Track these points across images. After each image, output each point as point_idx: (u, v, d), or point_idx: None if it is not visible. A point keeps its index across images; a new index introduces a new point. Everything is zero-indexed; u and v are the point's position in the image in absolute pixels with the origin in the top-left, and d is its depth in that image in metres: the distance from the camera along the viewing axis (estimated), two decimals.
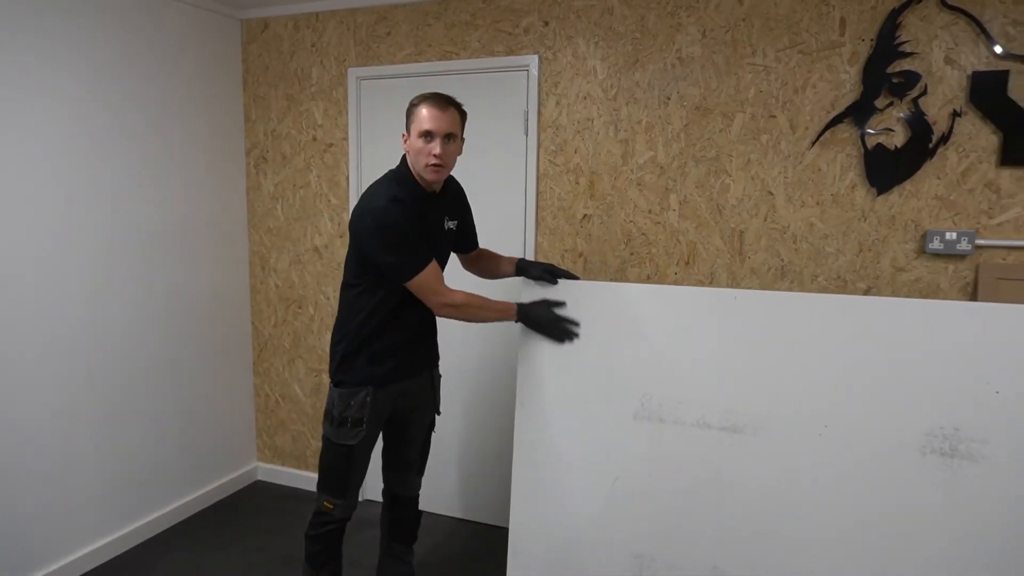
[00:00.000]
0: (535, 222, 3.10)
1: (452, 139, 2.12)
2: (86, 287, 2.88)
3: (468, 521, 3.42)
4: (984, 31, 2.42)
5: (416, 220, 2.13)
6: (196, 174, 3.36)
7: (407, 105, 2.17)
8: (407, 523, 2.67)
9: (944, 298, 2.54)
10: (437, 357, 2.53)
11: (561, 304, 2.26)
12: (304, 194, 3.54)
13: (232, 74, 3.55)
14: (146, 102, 3.07)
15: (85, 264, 2.86)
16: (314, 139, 3.47)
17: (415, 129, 2.10)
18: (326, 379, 3.63)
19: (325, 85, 3.41)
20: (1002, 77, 2.41)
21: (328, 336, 3.59)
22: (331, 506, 2.33)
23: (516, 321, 2.24)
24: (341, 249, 3.49)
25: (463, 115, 2.19)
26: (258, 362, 3.80)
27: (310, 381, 3.68)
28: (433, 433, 2.63)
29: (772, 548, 2.09)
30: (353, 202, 3.41)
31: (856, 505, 2.00)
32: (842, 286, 2.67)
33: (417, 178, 2.17)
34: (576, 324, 2.24)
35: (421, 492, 2.73)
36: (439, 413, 2.59)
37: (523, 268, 2.38)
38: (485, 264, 2.56)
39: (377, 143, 3.34)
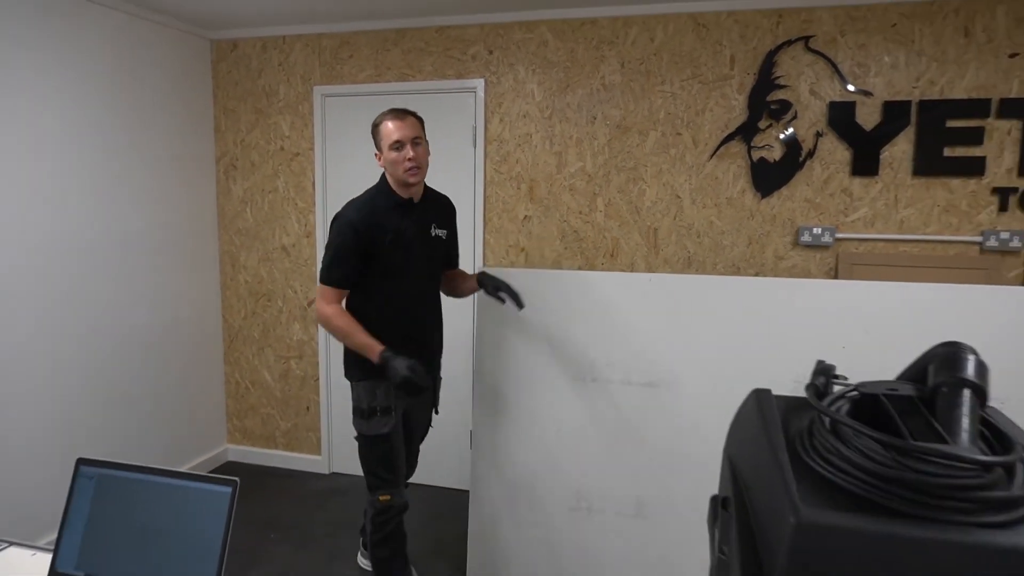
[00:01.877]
0: (483, 222, 3.53)
1: (419, 142, 2.28)
2: (69, 282, 3.12)
3: (430, 486, 3.79)
4: (837, 70, 3.02)
5: (376, 236, 2.26)
6: (169, 179, 3.62)
7: (371, 126, 2.34)
8: None
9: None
10: (438, 360, 2.60)
11: (413, 363, 2.19)
12: (272, 198, 3.85)
13: (203, 89, 3.82)
14: (122, 113, 3.32)
15: (68, 262, 3.10)
16: (282, 149, 3.79)
17: (385, 144, 2.26)
18: (294, 365, 3.94)
19: (292, 100, 3.74)
20: (851, 106, 3.02)
21: (296, 326, 3.91)
22: (388, 497, 2.38)
23: (377, 362, 2.20)
24: (307, 248, 3.82)
25: (421, 121, 2.34)
26: (228, 351, 4.08)
27: (279, 367, 3.98)
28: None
29: (683, 482, 2.59)
30: (319, 205, 3.75)
31: None
32: (736, 272, 3.23)
33: (396, 188, 2.32)
34: (422, 383, 2.20)
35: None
36: (437, 412, 2.68)
37: (481, 282, 2.50)
38: (454, 282, 2.63)
39: (340, 153, 3.70)
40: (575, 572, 2.73)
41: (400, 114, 2.28)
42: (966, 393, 0.67)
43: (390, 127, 2.25)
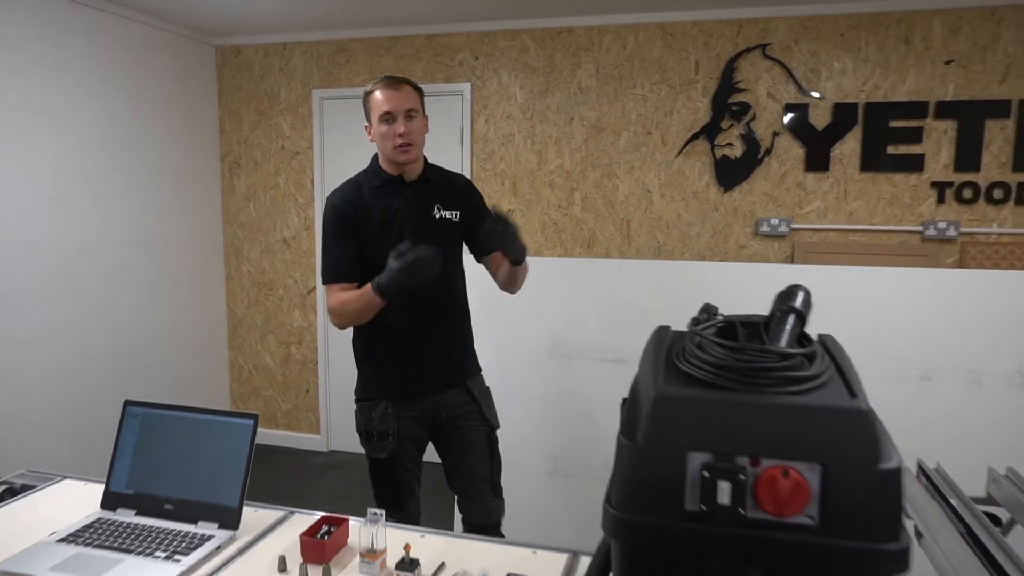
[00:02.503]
0: None
1: (413, 115, 1.92)
2: (89, 274, 3.36)
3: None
4: (792, 75, 3.28)
5: (359, 213, 1.95)
6: (176, 177, 3.85)
7: (362, 95, 2.01)
8: None
9: None
10: (469, 370, 2.13)
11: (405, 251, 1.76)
12: (274, 194, 4.09)
13: (208, 91, 4.06)
14: (132, 115, 3.55)
15: (86, 254, 3.34)
16: (282, 148, 4.03)
17: (374, 116, 1.92)
18: (294, 350, 4.19)
19: (292, 103, 3.98)
20: (805, 108, 3.28)
21: (296, 313, 4.15)
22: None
23: (380, 297, 1.79)
24: (307, 240, 4.06)
25: (419, 91, 1.99)
26: (232, 338, 4.31)
27: (280, 353, 4.22)
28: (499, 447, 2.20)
29: None
30: (318, 201, 4.00)
31: None
32: (701, 259, 3.48)
33: (386, 165, 1.99)
34: (417, 249, 1.74)
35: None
36: (493, 427, 2.13)
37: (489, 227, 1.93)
38: (502, 268, 2.07)
39: (338, 152, 3.94)
40: (554, 531, 2.99)
41: (394, 82, 1.92)
42: (790, 316, 0.92)
43: (379, 97, 1.90)
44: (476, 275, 2.29)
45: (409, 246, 1.73)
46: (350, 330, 2.03)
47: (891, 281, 2.89)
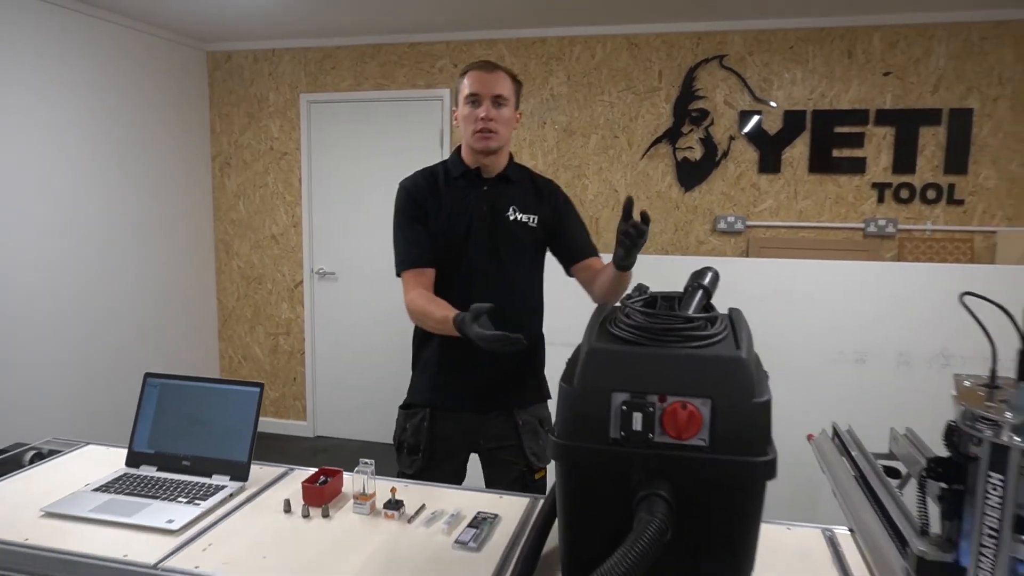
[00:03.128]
0: None
1: (502, 103, 1.75)
2: (85, 269, 3.52)
3: (372, 442, 4.20)
4: (746, 84, 3.53)
5: (430, 200, 1.81)
6: (168, 176, 4.01)
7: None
8: None
9: None
10: (522, 396, 1.87)
11: (485, 312, 1.53)
12: (263, 192, 4.26)
13: (199, 94, 4.22)
14: (126, 116, 3.71)
15: (83, 251, 3.51)
16: (271, 148, 4.21)
17: (461, 97, 1.78)
18: (282, 341, 4.37)
19: (281, 106, 4.15)
20: (758, 115, 3.54)
21: (284, 306, 4.33)
22: None
23: (458, 333, 1.56)
24: (295, 236, 4.24)
25: (517, 83, 1.82)
26: (223, 330, 4.48)
27: (268, 343, 4.40)
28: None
29: None
30: (305, 199, 4.18)
31: None
32: (664, 254, 3.72)
33: (466, 155, 1.84)
34: (503, 336, 1.45)
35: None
36: (536, 470, 1.85)
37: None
38: (599, 278, 1.85)
39: (324, 153, 4.13)
40: None
41: (488, 65, 1.78)
42: (698, 291, 1.15)
43: (469, 79, 1.76)
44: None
45: (495, 333, 1.44)
46: (344, 323, 1.99)
47: (836, 273, 3.15)
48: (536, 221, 1.85)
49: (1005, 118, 3.33)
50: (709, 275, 1.20)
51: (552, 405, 1.78)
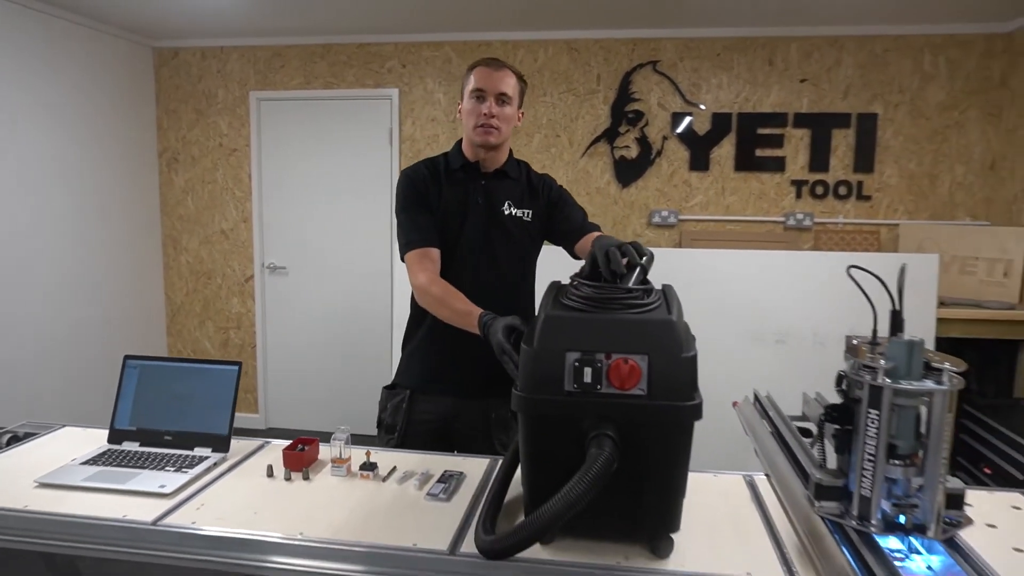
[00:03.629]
0: None
1: (506, 101, 1.79)
2: (27, 264, 3.49)
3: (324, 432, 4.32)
4: (677, 88, 3.79)
5: (431, 189, 1.84)
6: (112, 171, 3.98)
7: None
8: None
9: None
10: (506, 389, 1.45)
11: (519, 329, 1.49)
12: (212, 188, 4.28)
13: (145, 91, 4.20)
14: (69, 111, 3.67)
15: (27, 246, 3.48)
16: (220, 145, 4.23)
17: (466, 92, 1.82)
18: (233, 335, 4.39)
19: (230, 103, 4.18)
20: (689, 116, 3.80)
21: (235, 300, 4.36)
22: None
23: (480, 333, 1.57)
24: (245, 232, 4.27)
25: (522, 82, 1.86)
26: (171, 324, 4.47)
27: (219, 337, 4.42)
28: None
29: None
30: (255, 194, 4.22)
31: None
32: None
33: (467, 149, 1.87)
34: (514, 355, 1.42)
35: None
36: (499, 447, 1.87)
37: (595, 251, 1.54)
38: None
39: (275, 150, 4.18)
40: None
41: (495, 62, 1.82)
42: (635, 267, 1.34)
43: (475, 75, 1.80)
44: None
45: (511, 350, 1.42)
46: (295, 316, 1.94)
47: (759, 262, 3.43)
48: (531, 216, 1.91)
49: (905, 122, 3.69)
50: (646, 255, 1.39)
51: None
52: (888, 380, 1.13)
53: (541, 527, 1.05)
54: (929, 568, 1.14)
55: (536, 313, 1.29)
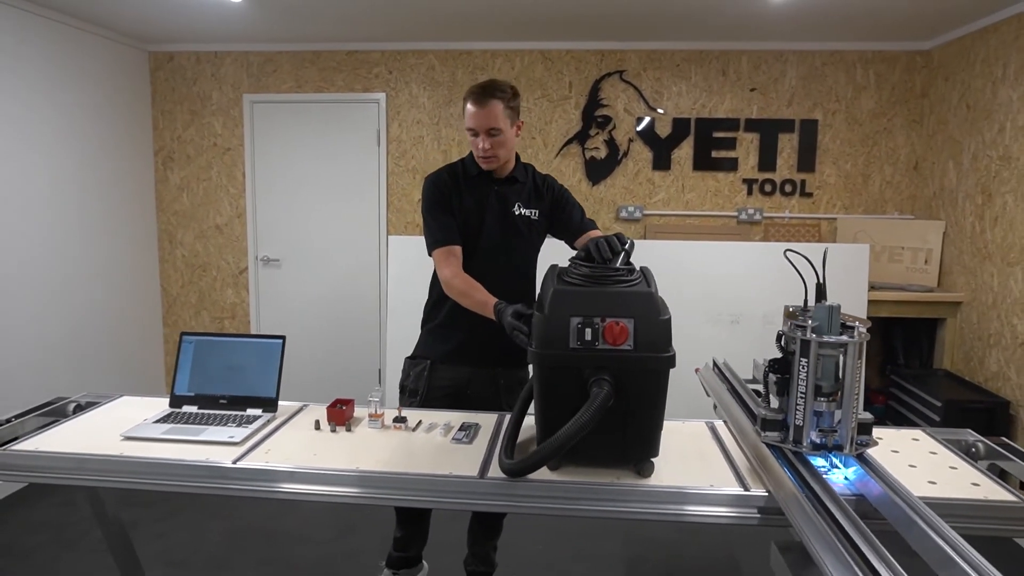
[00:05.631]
0: (386, 204, 4.38)
1: (496, 133, 1.99)
2: (28, 259, 3.65)
3: None
4: (642, 96, 4.14)
5: (452, 194, 2.10)
6: (110, 169, 4.11)
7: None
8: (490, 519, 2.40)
9: None
10: (508, 361, 2.14)
11: (528, 314, 1.73)
12: (207, 185, 4.47)
13: (141, 93, 4.36)
14: (69, 112, 3.78)
15: (27, 241, 3.63)
16: (215, 144, 4.42)
17: (465, 124, 2.04)
18: (228, 325, 4.59)
19: (224, 105, 4.38)
20: (652, 121, 4.15)
21: (229, 291, 4.56)
22: None
23: (495, 319, 1.86)
24: (239, 226, 4.48)
25: (508, 102, 2.01)
26: (167, 315, 4.65)
27: (214, 327, 4.61)
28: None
29: None
30: (249, 191, 4.43)
31: None
32: None
33: (478, 159, 2.10)
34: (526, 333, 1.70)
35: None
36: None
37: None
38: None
39: (268, 149, 4.39)
40: None
41: (480, 98, 1.97)
42: (620, 252, 1.67)
43: (467, 111, 2.00)
44: None
45: (522, 328, 1.71)
46: (287, 306, 2.13)
47: (715, 252, 3.81)
48: (537, 214, 2.19)
49: (841, 128, 4.11)
50: (629, 242, 1.72)
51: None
52: (814, 335, 1.47)
53: (557, 447, 1.36)
54: (846, 478, 1.50)
55: (540, 291, 1.61)
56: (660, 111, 4.15)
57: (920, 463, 1.65)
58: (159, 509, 3.08)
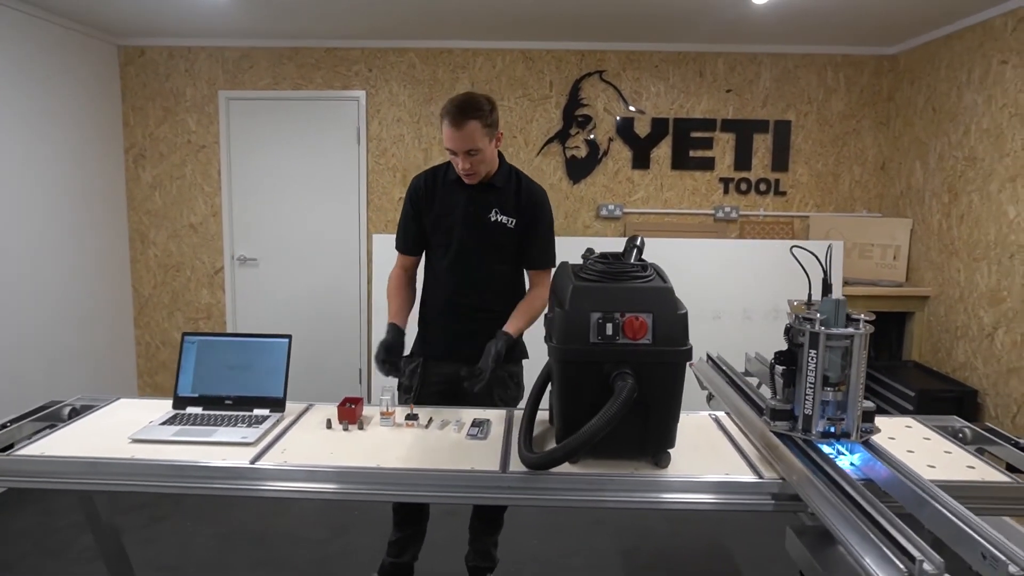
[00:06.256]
0: (366, 202, 4.35)
1: (475, 153, 2.01)
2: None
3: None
4: (622, 96, 4.20)
5: (424, 201, 2.18)
6: (77, 167, 3.97)
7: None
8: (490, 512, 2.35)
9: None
10: (503, 358, 2.04)
11: (395, 346, 2.07)
12: (180, 184, 4.37)
13: (110, 88, 4.24)
14: (32, 107, 3.61)
15: (6, 243, 3.51)
16: (189, 142, 4.33)
17: (443, 141, 2.05)
18: (203, 325, 4.50)
19: (198, 101, 4.28)
20: (631, 121, 4.22)
21: (204, 292, 4.47)
22: None
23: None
24: (215, 225, 4.39)
25: (486, 120, 2.01)
26: (139, 317, 4.52)
27: (188, 328, 4.51)
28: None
29: None
30: (224, 189, 4.35)
31: None
32: (558, 236, 4.30)
33: None
34: (391, 366, 2.03)
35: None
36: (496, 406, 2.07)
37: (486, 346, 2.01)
38: (525, 299, 2.23)
39: (244, 147, 4.32)
40: None
41: (457, 119, 1.97)
42: (632, 248, 1.71)
43: (446, 131, 2.01)
44: None
45: (379, 354, 2.03)
46: (265, 305, 2.13)
47: (694, 249, 3.90)
48: (514, 224, 2.16)
49: (813, 128, 4.24)
50: (639, 239, 1.76)
51: (527, 365, 2.26)
52: (823, 328, 1.53)
53: (585, 440, 1.39)
54: (852, 464, 1.56)
55: (554, 287, 1.64)
56: (640, 111, 4.22)
57: (917, 448, 1.74)
58: (143, 514, 3.01)
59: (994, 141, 3.28)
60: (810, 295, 1.68)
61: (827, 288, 1.64)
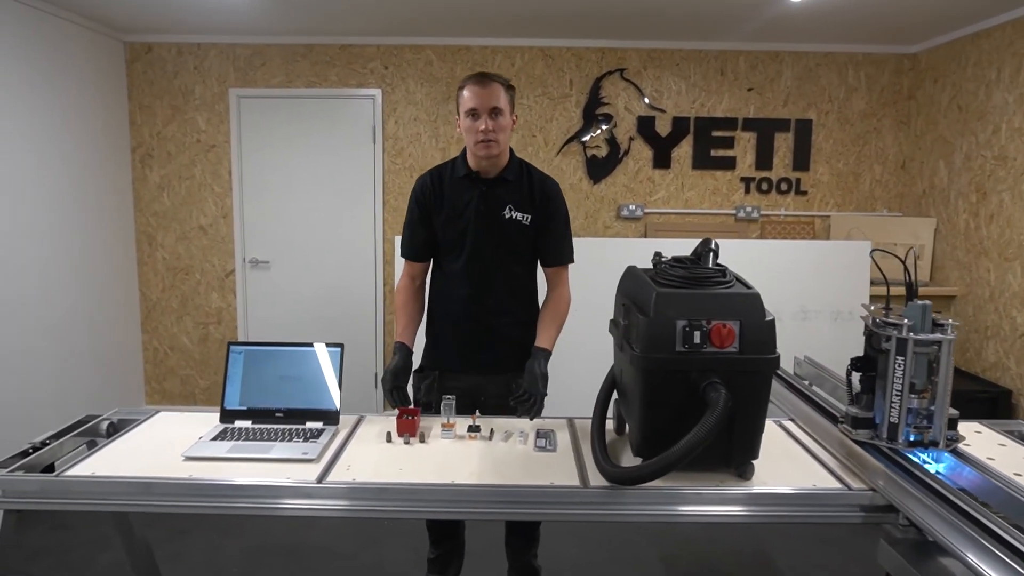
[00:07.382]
0: (382, 203, 4.27)
1: (498, 113, 1.95)
2: (3, 265, 3.41)
3: None
4: (642, 94, 4.16)
5: (433, 201, 2.07)
6: (83, 168, 3.86)
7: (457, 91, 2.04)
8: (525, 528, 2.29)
9: None
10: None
11: (404, 372, 2.01)
12: (189, 184, 4.26)
13: (117, 86, 4.12)
14: (35, 105, 3.49)
15: (9, 245, 3.40)
16: (198, 141, 4.22)
17: (462, 110, 1.98)
18: (213, 330, 4.40)
19: (208, 100, 4.18)
20: (652, 119, 4.18)
21: (215, 295, 4.37)
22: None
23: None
24: (225, 227, 4.29)
25: (510, 89, 2.01)
26: (146, 321, 4.41)
27: (198, 333, 4.41)
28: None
29: None
30: (235, 190, 4.25)
31: None
32: (578, 237, 4.25)
33: (470, 158, 2.04)
34: (399, 394, 1.96)
35: None
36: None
37: (527, 367, 1.95)
38: (545, 304, 2.14)
39: (256, 146, 4.22)
40: None
41: (482, 79, 1.97)
42: (709, 252, 1.66)
43: (467, 94, 1.96)
44: None
45: (386, 381, 1.98)
46: (279, 310, 2.08)
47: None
48: (529, 220, 2.07)
49: (834, 127, 4.22)
50: (713, 242, 1.71)
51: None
52: (912, 334, 1.49)
53: (684, 454, 1.34)
54: (938, 472, 1.52)
55: (627, 292, 1.59)
56: (660, 109, 4.17)
57: (996, 455, 1.70)
58: (164, 530, 2.92)
59: None
60: (888, 300, 1.64)
61: (911, 292, 1.59)
